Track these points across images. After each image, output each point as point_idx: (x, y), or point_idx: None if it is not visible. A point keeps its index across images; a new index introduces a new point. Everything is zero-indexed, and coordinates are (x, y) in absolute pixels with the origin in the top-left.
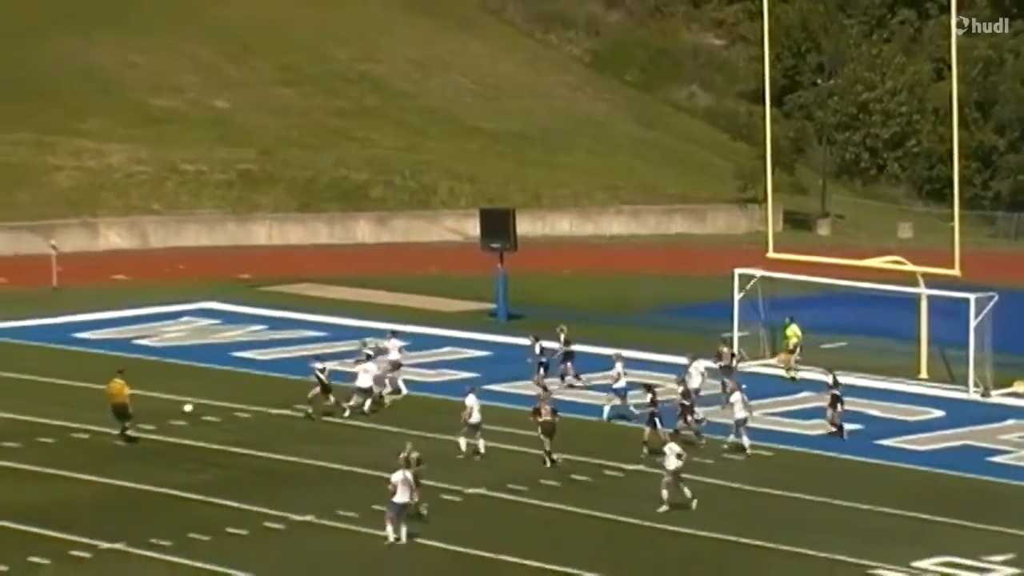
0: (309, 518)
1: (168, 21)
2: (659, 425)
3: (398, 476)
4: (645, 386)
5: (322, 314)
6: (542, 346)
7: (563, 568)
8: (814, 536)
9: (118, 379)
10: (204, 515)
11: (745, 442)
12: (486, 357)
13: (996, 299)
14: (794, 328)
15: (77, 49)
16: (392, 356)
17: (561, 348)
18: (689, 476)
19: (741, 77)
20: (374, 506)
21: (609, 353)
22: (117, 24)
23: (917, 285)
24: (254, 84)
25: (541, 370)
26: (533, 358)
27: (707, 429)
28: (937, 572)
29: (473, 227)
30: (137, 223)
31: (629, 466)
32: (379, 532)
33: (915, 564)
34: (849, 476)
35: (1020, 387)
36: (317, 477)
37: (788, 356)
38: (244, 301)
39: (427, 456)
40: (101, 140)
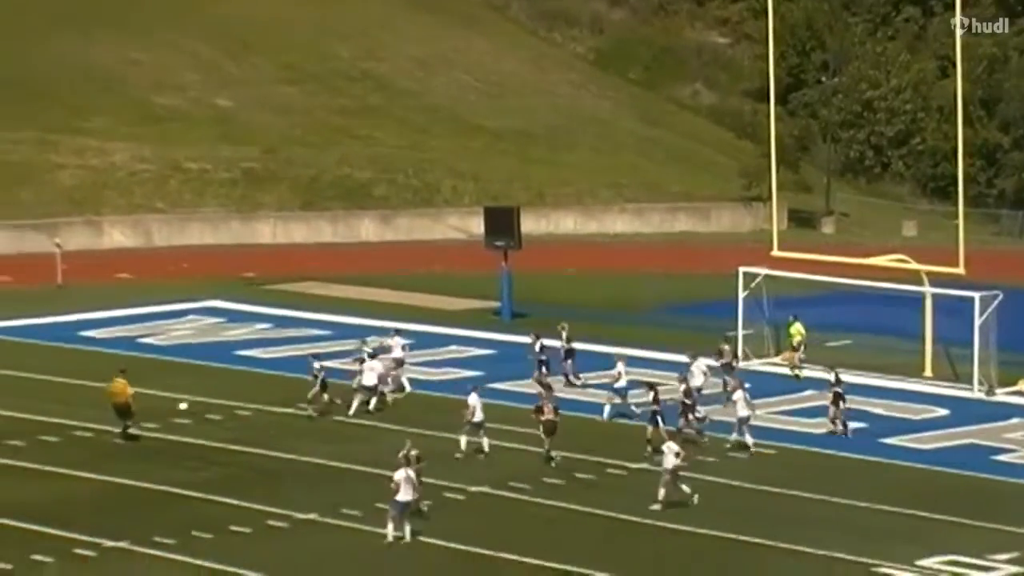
0: (312, 516)
1: (168, 19)
2: (661, 423)
3: (400, 474)
4: (647, 384)
5: (326, 312)
6: (542, 344)
7: (565, 566)
8: (817, 534)
9: (120, 378)
10: (207, 513)
11: (748, 440)
12: (490, 355)
13: (1001, 297)
14: (798, 326)
15: (77, 48)
16: (396, 354)
17: (563, 345)
18: (691, 474)
19: (745, 75)
20: (377, 504)
21: (612, 352)
22: (117, 23)
23: (921, 283)
24: (257, 82)
25: (543, 368)
26: (533, 355)
27: (710, 428)
28: (941, 570)
29: (477, 225)
30: (141, 221)
31: (632, 464)
32: (382, 530)
33: (919, 562)
34: (853, 474)
35: None
36: (320, 475)
37: (792, 354)
38: (248, 299)
39: (430, 454)
40: (104, 138)
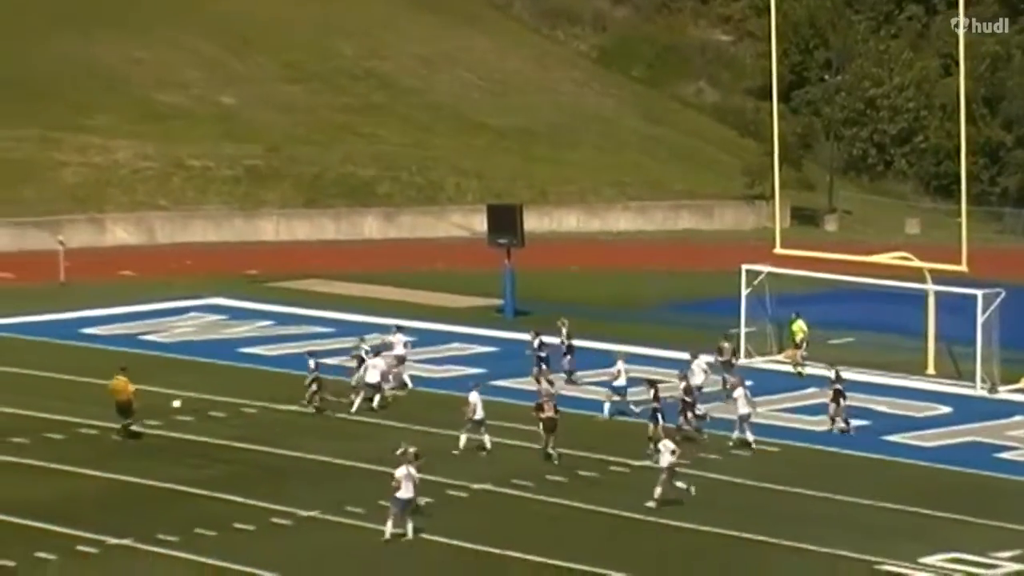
0: (315, 514)
1: (168, 17)
2: (661, 421)
3: (401, 472)
4: (648, 382)
5: (329, 310)
6: (541, 340)
7: (568, 563)
8: (817, 531)
9: (121, 376)
10: (211, 510)
11: (749, 437)
12: (493, 353)
13: (1003, 295)
14: (800, 324)
15: (78, 47)
16: (397, 351)
17: (565, 342)
18: (694, 471)
19: (748, 73)
20: (380, 501)
21: (614, 350)
22: (117, 21)
23: (924, 281)
24: (260, 80)
25: (542, 365)
26: (531, 351)
27: (712, 425)
28: (944, 568)
29: (480, 223)
30: (144, 219)
31: (634, 462)
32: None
33: (921, 560)
34: (855, 472)
35: None
36: (323, 473)
37: (795, 352)
38: (251, 297)
39: (432, 452)
40: (107, 136)
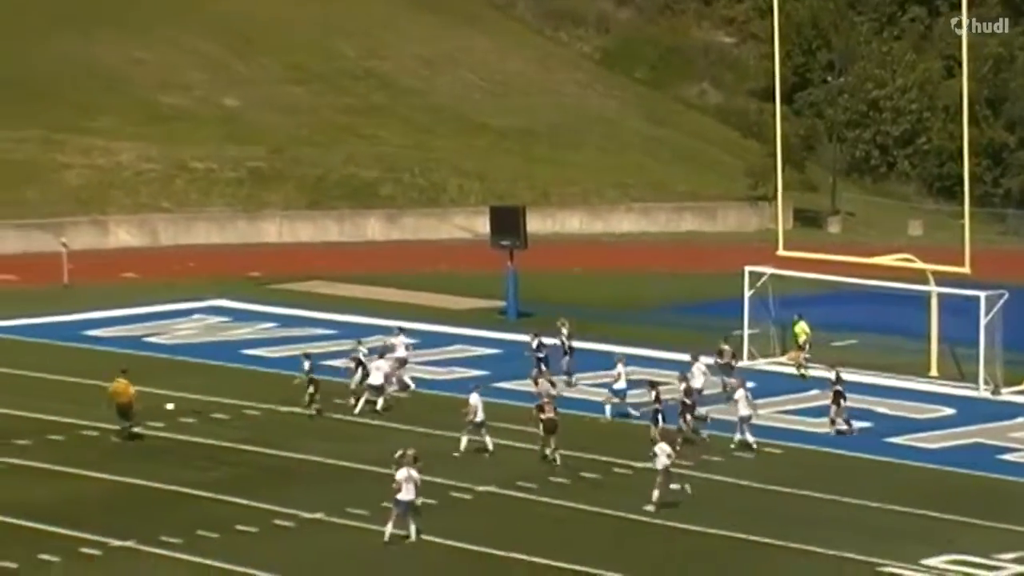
0: (319, 516)
1: (168, 18)
2: (662, 422)
3: (402, 474)
4: (649, 383)
5: (332, 312)
6: (541, 342)
7: (573, 566)
8: (823, 534)
9: (122, 378)
10: (214, 513)
11: (750, 439)
12: (495, 355)
13: (1006, 297)
14: (803, 325)
15: (79, 47)
16: (399, 353)
17: (566, 343)
18: (698, 473)
19: (751, 75)
20: (383, 504)
21: (615, 351)
22: (117, 21)
23: (927, 283)
24: (263, 82)
25: (541, 366)
26: (530, 353)
27: (714, 427)
28: (947, 570)
29: (483, 224)
30: (147, 221)
31: (638, 464)
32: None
33: (925, 562)
34: (858, 474)
35: None
36: (326, 475)
37: (798, 353)
38: (254, 299)
39: (435, 454)
40: (110, 138)
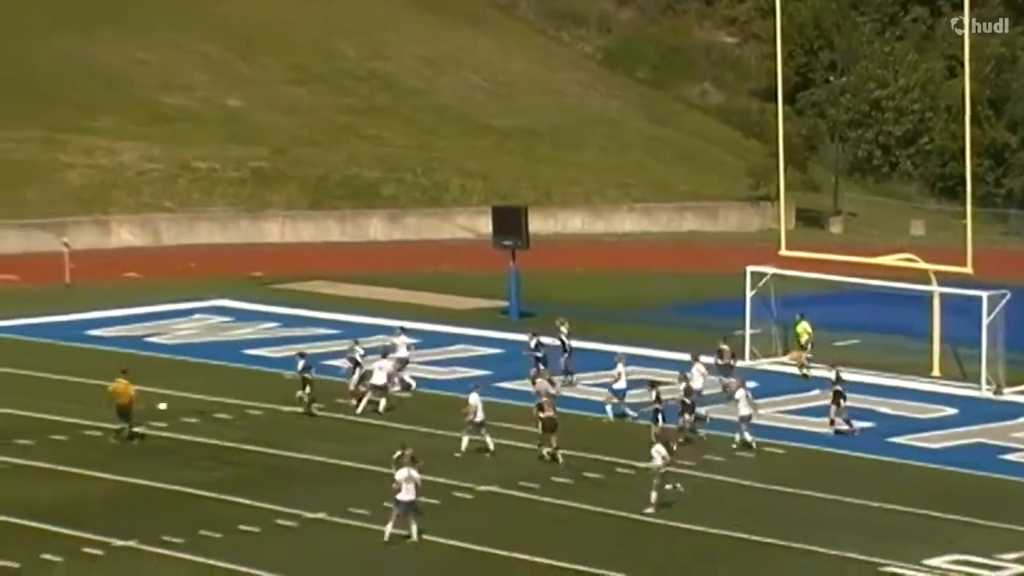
0: (321, 515)
1: (168, 17)
2: (661, 422)
3: (402, 474)
4: (649, 383)
5: (334, 312)
6: (539, 341)
7: (575, 566)
8: (825, 534)
9: (122, 379)
10: (216, 512)
11: (748, 438)
12: (497, 355)
13: (1008, 297)
14: (804, 325)
15: (79, 47)
16: (401, 353)
17: (566, 342)
18: (700, 473)
19: (753, 75)
20: (385, 503)
21: (616, 351)
22: (117, 21)
23: (929, 283)
24: (265, 82)
25: (539, 366)
26: (528, 352)
27: (716, 428)
28: (949, 570)
29: (485, 224)
30: (149, 221)
31: (641, 464)
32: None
33: (927, 562)
34: (861, 474)
35: None
36: (328, 474)
37: (800, 353)
38: (256, 299)
39: (437, 454)
40: (113, 138)
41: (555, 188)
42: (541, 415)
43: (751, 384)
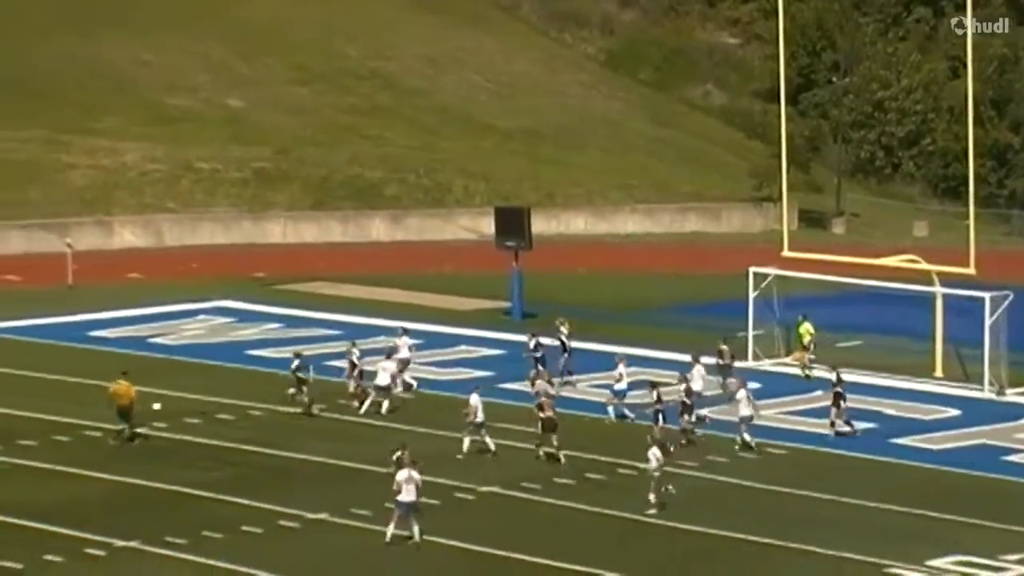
0: (323, 516)
1: (169, 17)
2: (662, 422)
3: (403, 475)
4: (650, 383)
5: (336, 312)
6: (538, 342)
7: (577, 566)
8: (828, 535)
9: (122, 380)
10: (218, 513)
11: (748, 438)
12: (500, 356)
13: (1011, 298)
14: (807, 326)
15: (80, 47)
16: (402, 354)
17: (566, 342)
18: (701, 474)
19: (756, 76)
20: (387, 504)
21: (617, 352)
22: (120, 23)
23: (932, 284)
24: (267, 83)
25: (539, 366)
26: (527, 353)
27: (717, 428)
28: (952, 571)
29: (488, 225)
30: (152, 221)
31: (642, 464)
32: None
33: (930, 563)
34: (864, 475)
35: None
36: (330, 475)
37: (802, 354)
38: (259, 299)
39: (438, 454)
40: (115, 139)
41: (558, 189)
42: (541, 415)
43: (753, 385)
